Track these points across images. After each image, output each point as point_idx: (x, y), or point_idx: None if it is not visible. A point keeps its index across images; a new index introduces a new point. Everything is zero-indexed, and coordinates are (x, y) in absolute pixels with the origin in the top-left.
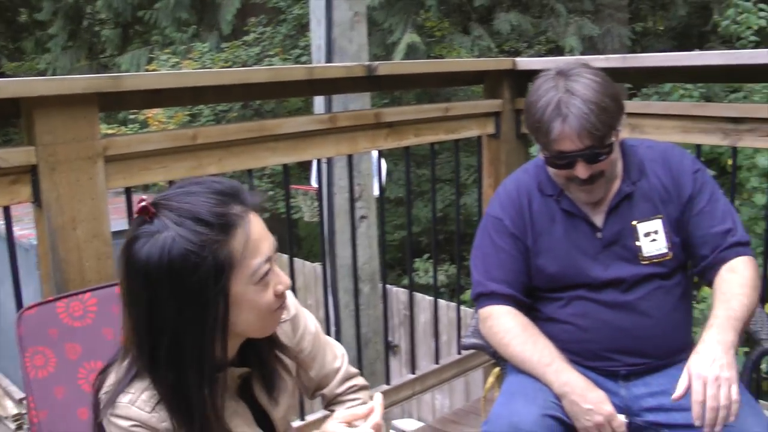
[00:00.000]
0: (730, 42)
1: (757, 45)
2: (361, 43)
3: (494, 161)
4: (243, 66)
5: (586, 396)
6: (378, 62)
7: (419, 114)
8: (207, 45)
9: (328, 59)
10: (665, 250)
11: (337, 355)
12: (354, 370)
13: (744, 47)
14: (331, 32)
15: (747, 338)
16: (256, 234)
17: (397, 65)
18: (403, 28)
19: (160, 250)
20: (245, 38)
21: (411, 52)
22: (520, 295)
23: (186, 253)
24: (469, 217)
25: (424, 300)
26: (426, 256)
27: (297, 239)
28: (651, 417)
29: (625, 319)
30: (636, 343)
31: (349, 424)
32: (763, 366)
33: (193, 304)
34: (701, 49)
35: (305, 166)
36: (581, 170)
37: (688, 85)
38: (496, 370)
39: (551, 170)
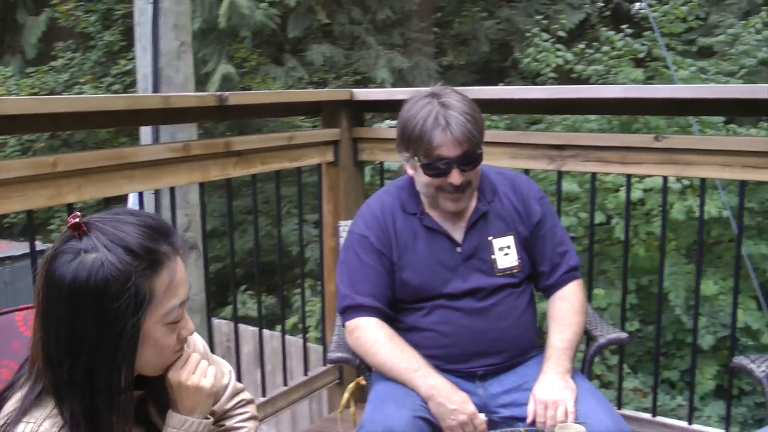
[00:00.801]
0: (528, 77)
1: (555, 81)
2: (187, 72)
3: (333, 188)
4: (50, 93)
5: (451, 397)
6: (229, 92)
7: (266, 143)
8: (10, 69)
9: (155, 89)
10: (516, 263)
11: (224, 372)
12: (240, 385)
13: (544, 83)
14: (158, 61)
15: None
16: (178, 276)
17: (247, 95)
18: (217, 59)
19: (88, 270)
20: (53, 63)
21: (225, 83)
22: (385, 308)
23: (111, 280)
24: (285, 247)
25: (247, 330)
26: (243, 287)
27: None
28: (507, 412)
29: (481, 324)
30: (492, 345)
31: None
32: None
33: (110, 330)
34: (502, 82)
35: (121, 199)
36: (456, 176)
37: (494, 116)
38: (351, 385)
39: (425, 180)
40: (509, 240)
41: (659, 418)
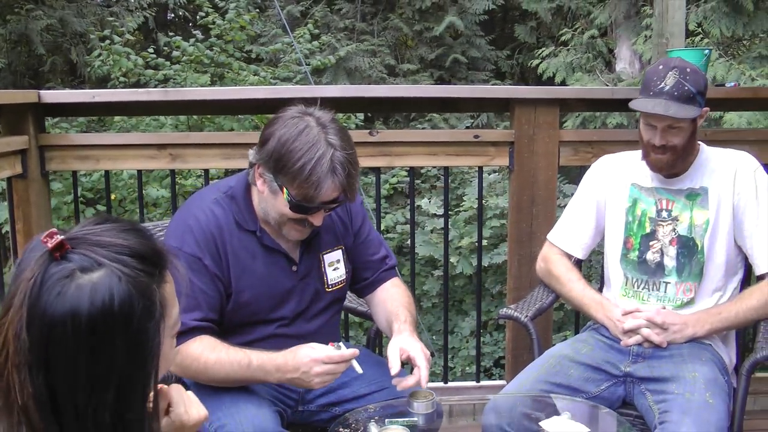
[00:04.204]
0: (102, 82)
1: (126, 85)
2: None
3: (23, 204)
4: None
5: (291, 364)
6: None
7: None
8: None
9: None
10: (344, 277)
11: None
12: None
13: (115, 87)
14: None
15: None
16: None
17: None
18: None
19: (106, 291)
20: None
21: None
22: (214, 325)
23: (135, 296)
24: None
25: None
26: None
27: None
28: (323, 400)
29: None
30: None
31: None
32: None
33: (141, 355)
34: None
35: None
36: (318, 218)
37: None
38: None
39: (282, 211)
40: (338, 254)
41: None
